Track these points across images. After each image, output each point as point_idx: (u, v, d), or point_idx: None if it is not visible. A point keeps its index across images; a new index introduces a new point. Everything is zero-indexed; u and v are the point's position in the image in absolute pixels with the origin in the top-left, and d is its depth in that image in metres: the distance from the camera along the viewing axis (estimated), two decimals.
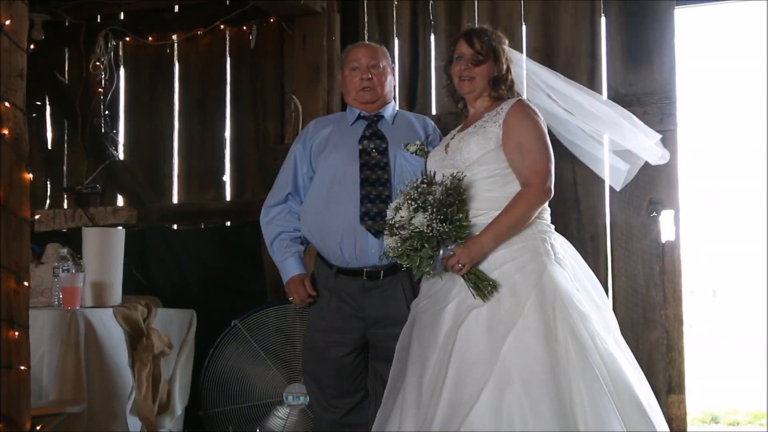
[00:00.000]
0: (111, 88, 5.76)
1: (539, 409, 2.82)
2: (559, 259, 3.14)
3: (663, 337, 4.49)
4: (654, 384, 4.37)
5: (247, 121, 5.55)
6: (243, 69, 5.59)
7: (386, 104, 3.69)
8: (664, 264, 4.51)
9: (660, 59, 4.62)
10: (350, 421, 3.62)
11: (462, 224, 3.04)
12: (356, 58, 3.66)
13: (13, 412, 2.91)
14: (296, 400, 4.52)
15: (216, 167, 5.61)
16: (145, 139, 5.81)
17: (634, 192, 4.58)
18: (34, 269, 4.18)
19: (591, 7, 4.78)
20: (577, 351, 2.92)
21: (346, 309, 3.54)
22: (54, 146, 6.01)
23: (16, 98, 2.98)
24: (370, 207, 3.45)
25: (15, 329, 2.93)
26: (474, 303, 3.02)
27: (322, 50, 5.06)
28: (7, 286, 2.92)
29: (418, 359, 3.11)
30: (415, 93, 5.13)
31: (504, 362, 2.90)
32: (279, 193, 3.71)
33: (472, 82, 3.32)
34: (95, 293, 4.24)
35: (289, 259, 3.63)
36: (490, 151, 3.18)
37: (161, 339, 4.25)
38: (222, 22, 5.51)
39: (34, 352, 3.22)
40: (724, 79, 75.40)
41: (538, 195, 3.13)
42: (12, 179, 2.95)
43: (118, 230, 4.61)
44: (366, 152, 3.54)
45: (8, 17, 2.96)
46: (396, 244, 3.08)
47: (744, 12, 11.10)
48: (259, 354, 4.58)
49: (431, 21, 5.12)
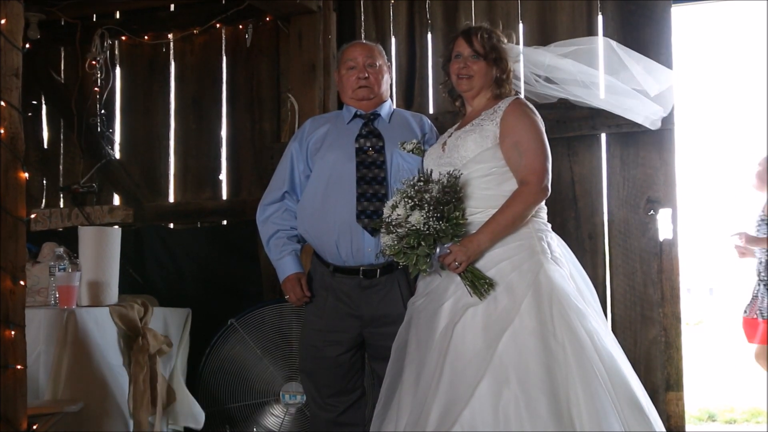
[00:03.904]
0: (107, 87, 5.76)
1: (535, 408, 2.81)
2: (556, 258, 3.14)
3: (661, 335, 4.50)
4: (652, 381, 4.40)
5: (243, 119, 5.55)
6: (239, 68, 5.59)
7: (383, 103, 3.68)
8: (662, 262, 4.52)
9: (657, 58, 4.59)
10: (347, 419, 3.61)
11: (458, 222, 3.03)
12: (352, 57, 3.66)
13: (9, 411, 2.91)
14: (293, 398, 4.52)
15: (212, 166, 5.61)
16: (141, 138, 5.81)
17: (631, 190, 4.60)
18: (30, 268, 4.18)
19: (588, 6, 4.79)
20: (574, 349, 2.91)
21: (342, 308, 3.54)
22: (50, 145, 6.01)
23: (12, 97, 2.98)
24: (366, 205, 3.45)
25: (11, 329, 2.92)
26: (470, 301, 3.01)
27: (318, 49, 5.06)
28: (4, 285, 2.91)
29: (415, 358, 3.11)
30: (412, 92, 5.13)
31: (500, 361, 2.89)
32: (275, 191, 3.70)
33: (470, 80, 3.32)
34: (91, 292, 4.23)
35: (285, 258, 3.62)
36: (487, 150, 3.18)
37: (157, 339, 4.24)
38: (218, 20, 5.52)
39: (30, 352, 3.21)
40: (721, 77, 75.45)
41: (535, 193, 3.13)
42: (8, 178, 2.94)
43: (115, 229, 4.60)
44: (362, 150, 3.54)
45: (4, 16, 2.96)
46: (392, 242, 3.07)
47: (741, 10, 11.11)
48: (256, 353, 4.58)
49: (428, 20, 5.12)
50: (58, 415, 3.53)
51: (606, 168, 4.69)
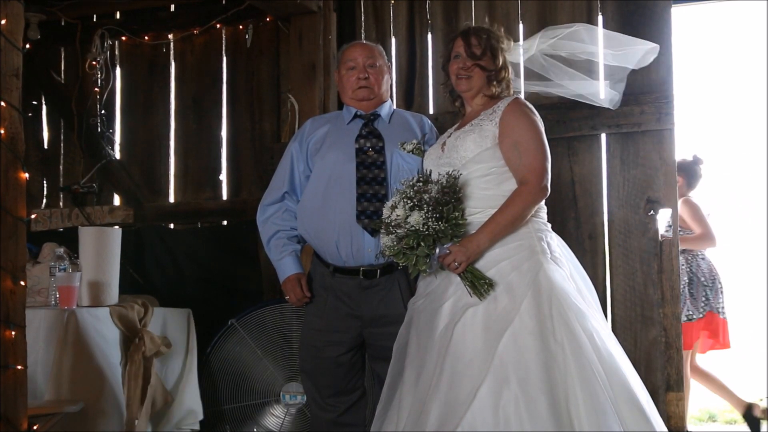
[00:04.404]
0: (107, 87, 5.76)
1: (535, 408, 2.81)
2: (556, 258, 3.14)
3: (661, 335, 4.50)
4: (652, 382, 4.40)
5: (243, 120, 5.55)
6: (239, 68, 5.59)
7: (383, 103, 3.68)
8: (662, 262, 4.52)
9: (657, 58, 4.58)
10: (347, 420, 3.61)
11: (458, 223, 3.04)
12: (352, 58, 3.66)
13: (9, 411, 2.91)
14: (293, 399, 4.52)
15: (212, 166, 5.61)
16: (141, 139, 5.81)
17: (631, 191, 4.59)
18: (30, 269, 4.18)
19: (588, 7, 4.78)
20: (573, 349, 2.91)
21: (342, 308, 3.54)
22: (50, 146, 6.01)
23: (12, 98, 2.97)
24: (366, 205, 3.45)
25: (11, 329, 2.92)
26: (470, 301, 3.02)
27: (318, 49, 5.06)
28: (4, 285, 2.91)
29: (415, 358, 3.12)
30: (413, 92, 5.13)
31: (500, 361, 2.89)
32: (275, 191, 3.70)
33: (469, 81, 3.32)
34: (92, 293, 4.23)
35: (285, 258, 3.62)
36: (486, 150, 3.18)
37: (154, 341, 4.23)
38: (218, 21, 5.52)
39: (30, 352, 3.21)
40: (721, 77, 75.32)
41: (535, 193, 3.13)
42: (8, 179, 2.94)
43: (115, 230, 4.60)
44: (362, 151, 3.54)
45: (4, 17, 2.96)
46: (392, 243, 3.08)
47: (741, 10, 11.04)
48: (256, 353, 4.58)
49: (428, 20, 5.11)
50: (59, 415, 3.53)
51: (606, 168, 4.68)
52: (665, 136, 4.55)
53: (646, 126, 4.55)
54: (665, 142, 4.56)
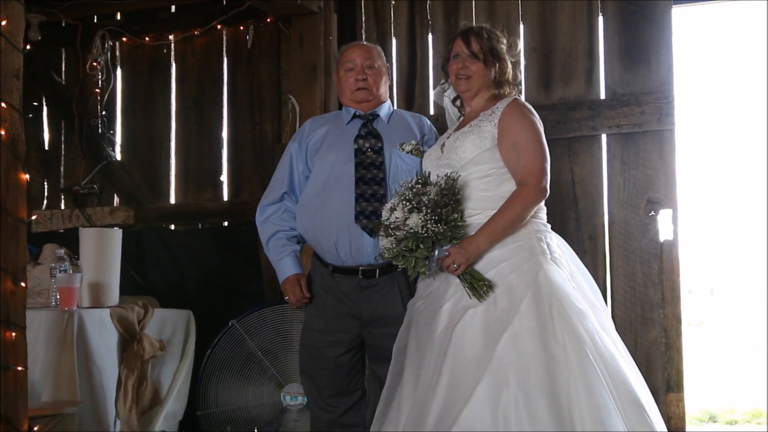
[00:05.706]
0: (108, 88, 5.76)
1: (535, 409, 2.80)
2: (556, 258, 3.13)
3: (661, 336, 4.50)
4: (653, 382, 4.39)
5: (244, 121, 5.55)
6: (240, 69, 5.59)
7: (382, 103, 3.68)
8: (663, 263, 4.52)
9: (658, 59, 4.63)
10: (347, 420, 3.61)
11: (457, 224, 3.03)
12: (351, 59, 3.66)
13: (10, 412, 2.91)
14: (294, 399, 4.52)
15: (213, 167, 5.62)
16: (142, 140, 5.82)
17: (632, 191, 4.59)
18: (31, 270, 4.18)
19: (589, 7, 4.79)
20: (575, 349, 2.91)
21: (342, 308, 3.54)
22: (51, 147, 6.01)
23: (13, 99, 2.98)
24: (365, 206, 3.45)
25: (12, 330, 2.93)
26: (469, 303, 3.01)
27: (319, 50, 5.06)
28: (4, 286, 2.92)
29: (414, 360, 3.11)
30: (413, 93, 5.13)
31: (500, 362, 2.88)
32: (275, 192, 3.70)
33: (468, 81, 3.31)
34: (92, 294, 4.23)
35: (285, 259, 3.62)
36: (485, 151, 3.17)
37: (152, 345, 4.23)
38: (219, 22, 5.52)
39: (30, 353, 3.21)
40: (722, 78, 75.35)
41: (534, 194, 3.12)
42: (9, 180, 2.95)
43: (116, 231, 4.60)
44: (361, 151, 3.54)
45: (4, 18, 2.96)
46: (391, 245, 3.07)
47: (742, 11, 11.06)
48: (257, 354, 4.58)
49: (429, 20, 5.12)
50: (59, 416, 3.53)
51: (606, 169, 4.69)
52: (666, 137, 4.56)
53: (646, 126, 4.56)
54: (666, 142, 4.57)
